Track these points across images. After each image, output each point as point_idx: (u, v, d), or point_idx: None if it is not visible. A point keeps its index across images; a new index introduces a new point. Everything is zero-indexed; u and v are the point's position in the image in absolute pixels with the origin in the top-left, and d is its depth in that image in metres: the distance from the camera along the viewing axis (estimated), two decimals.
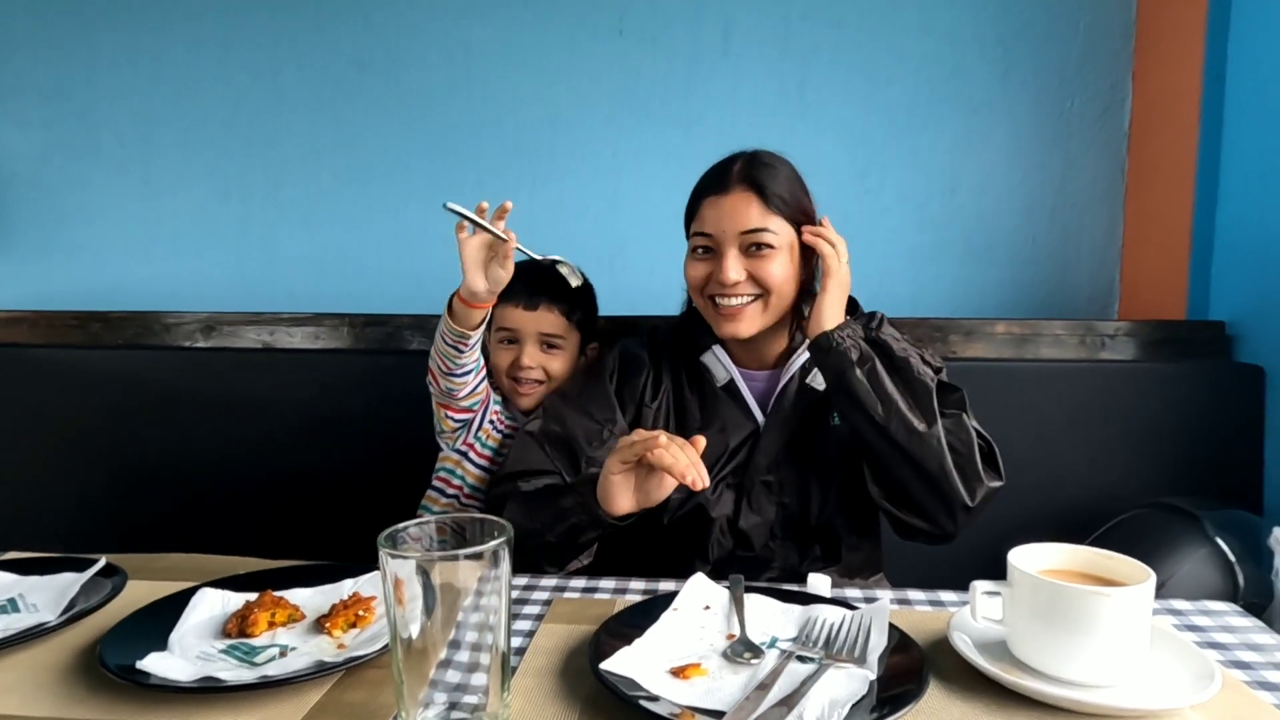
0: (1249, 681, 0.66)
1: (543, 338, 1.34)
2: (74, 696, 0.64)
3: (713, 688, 0.64)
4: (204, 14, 2.04)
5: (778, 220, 1.10)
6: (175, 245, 2.11)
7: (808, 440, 1.15)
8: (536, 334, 1.34)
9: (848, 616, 0.73)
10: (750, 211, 1.09)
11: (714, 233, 1.10)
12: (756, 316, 1.11)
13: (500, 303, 1.34)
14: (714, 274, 1.10)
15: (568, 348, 1.37)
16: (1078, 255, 1.96)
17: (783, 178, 1.12)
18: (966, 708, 0.62)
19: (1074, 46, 1.90)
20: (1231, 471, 1.58)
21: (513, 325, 1.34)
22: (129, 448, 1.74)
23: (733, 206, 1.09)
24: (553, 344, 1.35)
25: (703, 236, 1.12)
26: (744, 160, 1.14)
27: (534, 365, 1.34)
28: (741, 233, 1.08)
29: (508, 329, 1.35)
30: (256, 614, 0.73)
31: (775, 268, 1.09)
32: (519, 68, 2.00)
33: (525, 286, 1.33)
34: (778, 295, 1.11)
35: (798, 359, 1.16)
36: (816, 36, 1.94)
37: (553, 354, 1.36)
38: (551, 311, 1.34)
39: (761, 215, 1.09)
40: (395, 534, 0.59)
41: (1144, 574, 0.64)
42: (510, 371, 1.35)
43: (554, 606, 0.82)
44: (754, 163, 1.13)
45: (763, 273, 1.09)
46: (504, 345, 1.36)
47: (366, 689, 0.65)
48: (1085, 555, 0.69)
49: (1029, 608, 0.64)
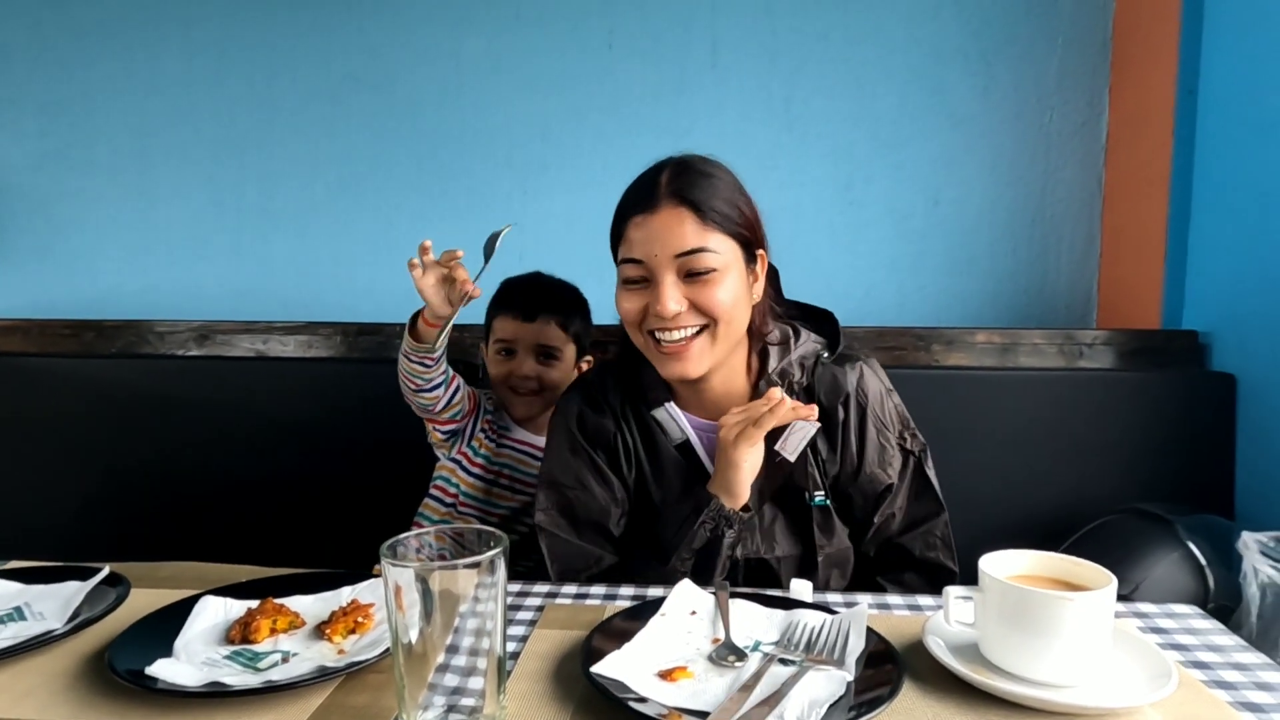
0: (1207, 681, 0.70)
1: (540, 349, 1.37)
2: (87, 702, 0.66)
3: (699, 689, 0.67)
4: (198, 25, 2.06)
5: (717, 237, 0.94)
6: (169, 255, 2.13)
7: (779, 516, 1.04)
8: (534, 345, 1.36)
9: (827, 621, 0.77)
10: (684, 230, 0.93)
11: (644, 258, 0.95)
12: (705, 352, 0.97)
13: (498, 314, 1.39)
14: (650, 306, 0.95)
15: (565, 358, 1.39)
16: (1057, 265, 2.00)
17: (720, 186, 0.97)
18: (939, 707, 0.65)
19: (1052, 63, 1.95)
20: (1204, 477, 1.62)
21: (510, 336, 1.37)
22: (123, 456, 1.76)
23: (663, 226, 0.94)
24: (550, 354, 1.38)
25: (632, 264, 0.96)
26: (671, 169, 0.98)
27: (531, 375, 1.36)
28: (676, 256, 0.93)
29: (505, 340, 1.37)
30: (259, 621, 0.76)
31: (720, 293, 0.94)
32: (510, 79, 2.03)
33: (523, 299, 1.37)
34: (726, 324, 0.96)
35: None
36: (803, 51, 1.98)
37: (550, 364, 1.38)
38: (549, 324, 1.37)
39: (698, 233, 0.93)
40: (396, 544, 0.61)
41: (1106, 579, 0.67)
42: (508, 381, 1.37)
43: (547, 612, 0.85)
44: (684, 172, 0.97)
45: (706, 300, 0.94)
46: (501, 356, 1.38)
47: (368, 692, 0.68)
48: (1052, 561, 0.72)
49: (998, 612, 0.68)
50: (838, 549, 1.05)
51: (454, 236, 2.06)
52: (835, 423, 1.04)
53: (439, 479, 1.41)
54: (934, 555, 1.05)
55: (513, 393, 1.38)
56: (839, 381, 1.05)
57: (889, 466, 1.04)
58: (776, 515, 1.04)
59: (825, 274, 1.99)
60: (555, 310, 1.38)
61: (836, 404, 1.04)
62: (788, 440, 1.01)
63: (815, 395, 1.05)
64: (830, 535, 1.04)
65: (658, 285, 0.94)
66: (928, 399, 1.23)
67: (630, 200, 1.00)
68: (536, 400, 1.38)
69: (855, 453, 1.04)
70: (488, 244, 1.14)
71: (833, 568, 1.06)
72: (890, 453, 1.05)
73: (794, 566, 1.04)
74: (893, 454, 1.05)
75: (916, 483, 1.06)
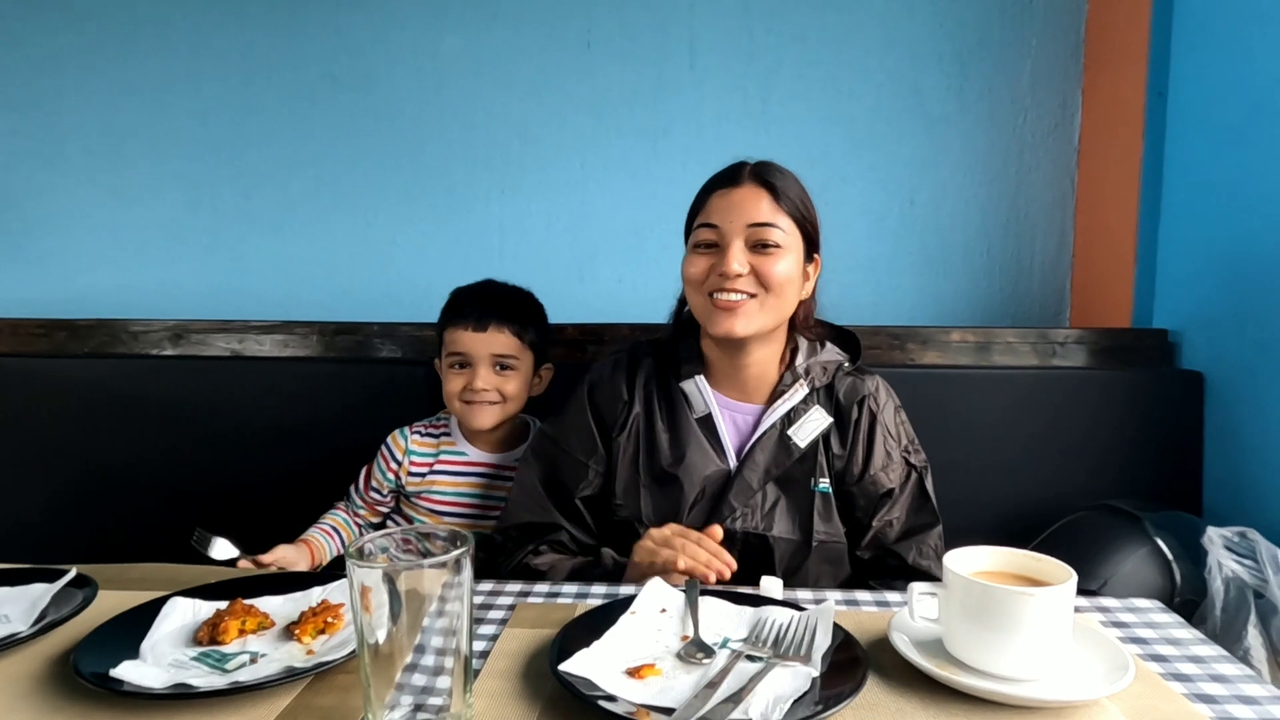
0: (1164, 674, 0.71)
1: (495, 359, 1.34)
2: (50, 705, 0.66)
3: (666, 686, 0.68)
4: (173, 22, 2.04)
5: (787, 220, 1.07)
6: (143, 254, 2.10)
7: (782, 498, 1.12)
8: (489, 355, 1.33)
9: (795, 617, 0.78)
10: (760, 205, 1.06)
11: (720, 224, 1.07)
12: (754, 314, 1.07)
13: (449, 325, 1.36)
14: (715, 267, 1.07)
15: (521, 368, 1.37)
16: (1030, 265, 2.03)
17: (793, 182, 1.12)
18: (903, 702, 0.66)
19: (1026, 65, 1.97)
20: (1173, 474, 1.65)
21: (463, 349, 1.33)
22: (96, 456, 1.74)
23: (742, 198, 1.07)
24: (506, 365, 1.35)
25: (708, 229, 1.08)
26: (756, 163, 1.12)
27: (488, 388, 1.33)
28: (750, 225, 1.05)
29: (459, 353, 1.34)
30: (227, 622, 0.76)
31: (779, 266, 1.06)
32: (488, 79, 2.03)
33: (474, 308, 1.34)
34: (777, 297, 1.07)
35: (785, 402, 1.12)
36: (780, 52, 1.99)
37: (506, 375, 1.35)
38: (502, 332, 1.34)
39: (771, 211, 1.06)
40: (362, 544, 0.62)
41: (1066, 574, 0.68)
42: (463, 396, 1.34)
43: (518, 611, 0.85)
44: (765, 164, 1.12)
45: (766, 269, 1.05)
46: (455, 370, 1.35)
47: (335, 693, 0.68)
48: (1015, 557, 0.73)
49: (961, 607, 0.69)
50: (833, 540, 1.11)
51: (432, 236, 2.08)
52: (849, 421, 1.14)
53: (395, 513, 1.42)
54: (926, 564, 1.10)
55: (469, 405, 1.34)
56: (857, 387, 1.16)
57: (891, 473, 1.13)
58: (780, 498, 1.12)
59: None
60: (509, 319, 1.35)
61: (853, 404, 1.15)
62: (802, 427, 1.12)
63: (835, 395, 1.16)
64: (828, 523, 1.12)
65: (727, 248, 1.05)
66: (903, 397, 1.24)
67: (715, 179, 1.13)
68: (495, 410, 1.35)
69: (863, 454, 1.14)
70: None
71: (825, 563, 1.12)
72: (894, 462, 1.14)
73: (788, 550, 1.10)
74: (896, 463, 1.14)
75: (917, 496, 1.15)
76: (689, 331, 1.19)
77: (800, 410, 1.13)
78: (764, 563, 1.11)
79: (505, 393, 1.34)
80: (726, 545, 1.07)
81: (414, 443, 1.42)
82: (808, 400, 1.13)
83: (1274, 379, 1.48)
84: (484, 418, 1.34)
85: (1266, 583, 1.26)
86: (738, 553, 1.07)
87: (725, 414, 1.15)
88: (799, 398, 1.13)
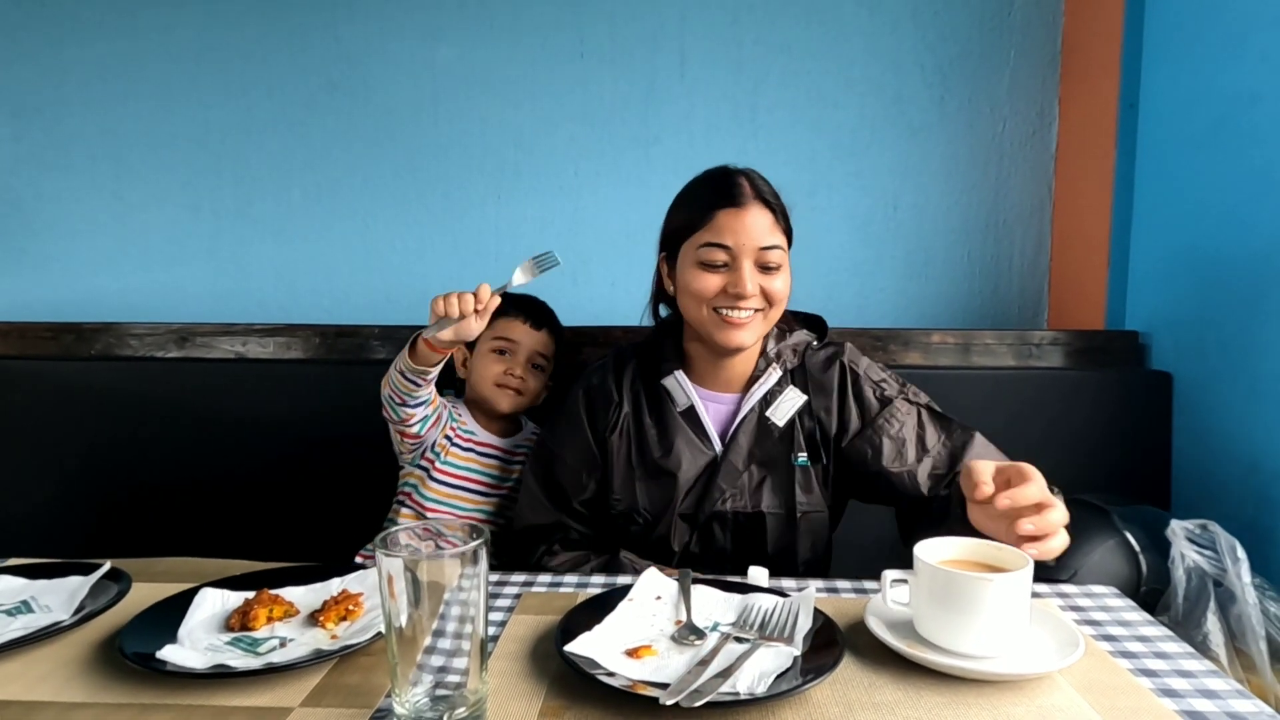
0: (1113, 651, 0.78)
1: (535, 355, 1.49)
2: (100, 684, 0.72)
3: (661, 665, 0.74)
4: (175, 30, 2.08)
5: (783, 238, 1.15)
6: (146, 258, 2.15)
7: (767, 476, 1.19)
8: (532, 350, 1.49)
9: (779, 603, 0.84)
10: (765, 226, 1.12)
11: (733, 245, 1.11)
12: (758, 327, 1.15)
13: (505, 317, 1.48)
14: (726, 286, 1.12)
15: (546, 372, 1.53)
16: (1009, 269, 2.10)
17: (778, 195, 1.17)
18: (875, 677, 0.73)
19: (1005, 75, 2.04)
20: (1143, 469, 1.72)
21: (515, 338, 1.48)
22: (102, 457, 1.79)
23: (752, 221, 1.11)
24: (538, 365, 1.51)
25: (719, 249, 1.12)
26: (746, 176, 1.16)
27: (524, 378, 1.48)
28: (760, 248, 1.11)
29: (508, 339, 1.48)
30: (256, 610, 0.82)
31: (779, 283, 1.14)
32: (484, 88, 2.08)
33: (534, 312, 1.52)
34: (777, 309, 1.16)
35: (760, 387, 1.20)
36: (768, 62, 2.05)
37: (536, 374, 1.51)
38: (550, 336, 1.52)
39: (775, 232, 1.13)
40: (387, 537, 0.68)
41: (1024, 562, 0.75)
42: (498, 379, 1.46)
43: (524, 599, 0.92)
44: (758, 180, 1.16)
45: (771, 287, 1.13)
46: (496, 355, 1.48)
47: (360, 673, 0.74)
48: (979, 547, 0.80)
49: (929, 592, 0.76)
50: (815, 510, 1.19)
51: (429, 240, 2.13)
52: (828, 389, 1.22)
53: (406, 486, 1.46)
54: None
55: (501, 389, 1.47)
56: (828, 356, 1.25)
57: (895, 418, 1.19)
58: (765, 476, 1.19)
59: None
60: (556, 328, 1.54)
61: (829, 369, 1.23)
62: (778, 408, 1.19)
63: (807, 372, 1.23)
64: (809, 494, 1.19)
65: (739, 270, 1.11)
66: None
67: (715, 195, 1.15)
68: (519, 399, 1.49)
69: (856, 409, 1.21)
70: (535, 264, 1.18)
71: (810, 533, 1.19)
72: (896, 405, 1.20)
73: (778, 525, 1.18)
74: (899, 405, 1.20)
75: (939, 420, 1.21)
76: (668, 332, 1.27)
77: (776, 392, 1.20)
78: (756, 540, 1.19)
79: (529, 388, 1.49)
80: (720, 526, 1.18)
81: (455, 411, 1.50)
82: (782, 382, 1.21)
83: (1238, 379, 1.56)
84: (510, 402, 1.47)
85: (1225, 572, 1.33)
86: (730, 534, 1.18)
87: (707, 404, 1.22)
88: (774, 381, 1.21)
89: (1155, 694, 0.70)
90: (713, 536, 1.19)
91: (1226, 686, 0.70)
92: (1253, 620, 1.29)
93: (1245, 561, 1.32)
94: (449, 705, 0.65)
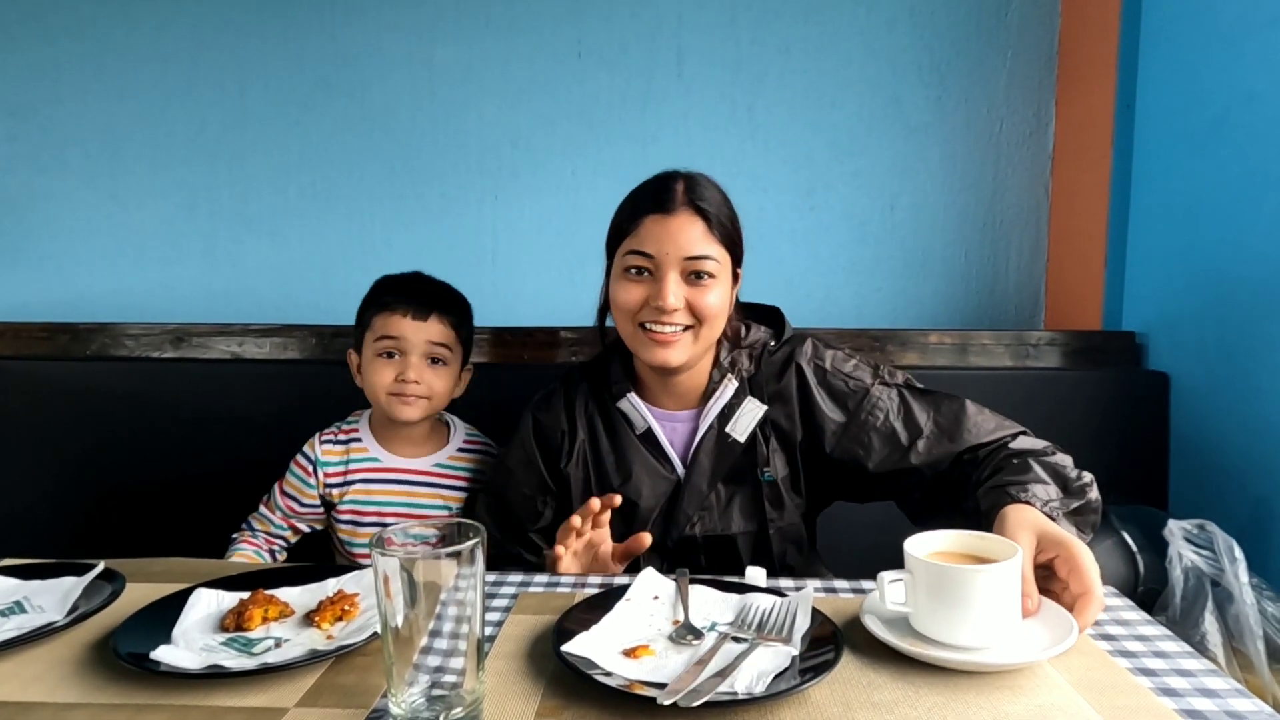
0: (1112, 650, 0.78)
1: (431, 348, 1.29)
2: (94, 685, 0.71)
3: (659, 665, 0.74)
4: (170, 29, 2.08)
5: (718, 248, 1.07)
6: (142, 257, 2.14)
7: (735, 495, 1.13)
8: (425, 344, 1.29)
9: (777, 603, 0.84)
10: (695, 235, 1.05)
11: (655, 254, 1.05)
12: (688, 346, 1.07)
13: (382, 310, 1.30)
14: (650, 298, 1.06)
15: (452, 363, 1.34)
16: (1006, 269, 2.10)
17: (722, 203, 1.09)
18: (873, 675, 0.73)
19: (1002, 75, 2.05)
20: (1140, 469, 1.72)
21: (398, 335, 1.28)
22: (97, 457, 1.78)
23: (679, 228, 1.04)
24: (438, 358, 1.31)
25: (641, 256, 1.06)
26: (684, 181, 1.08)
27: (420, 381, 1.28)
28: (686, 258, 1.04)
29: (392, 338, 1.28)
30: (251, 610, 0.81)
31: (712, 298, 1.06)
32: (481, 87, 2.08)
33: (414, 296, 1.30)
34: (709, 327, 1.08)
35: (716, 402, 1.13)
36: (765, 62, 2.05)
37: (437, 370, 1.31)
38: (441, 322, 1.30)
39: (704, 241, 1.05)
40: (383, 536, 0.67)
41: (1013, 551, 0.76)
42: (392, 388, 1.29)
43: (521, 599, 0.91)
44: (696, 185, 1.08)
45: (700, 302, 1.05)
46: (384, 358, 1.29)
47: (356, 673, 0.74)
48: (967, 539, 0.81)
49: (922, 587, 0.76)
50: (789, 523, 1.14)
51: (426, 239, 2.12)
52: (787, 397, 1.14)
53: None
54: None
55: (398, 399, 1.29)
56: (784, 360, 1.15)
57: (878, 408, 1.11)
58: (734, 495, 1.14)
59: (786, 277, 2.07)
60: (447, 310, 1.31)
61: (786, 378, 1.14)
62: (738, 422, 1.12)
63: (760, 381, 1.14)
64: (780, 509, 1.14)
65: (662, 280, 1.05)
66: None
67: (645, 200, 1.08)
68: (423, 404, 1.31)
69: (831, 407, 1.12)
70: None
71: (787, 543, 1.15)
72: (874, 393, 1.12)
73: (750, 542, 1.13)
74: (877, 393, 1.12)
75: (922, 396, 1.13)
76: (617, 350, 1.19)
77: (734, 405, 1.13)
78: (731, 562, 1.14)
79: (434, 389, 1.30)
80: (690, 551, 1.13)
81: (323, 453, 1.38)
82: (739, 393, 1.13)
83: (1235, 379, 1.56)
84: (411, 411, 1.29)
85: (1223, 572, 1.33)
86: (703, 557, 1.13)
87: (664, 425, 1.15)
88: (730, 393, 1.13)
89: (1154, 693, 0.69)
90: (684, 562, 1.11)
91: (1226, 685, 0.70)
92: (1250, 620, 1.29)
93: (1243, 561, 1.32)
94: (445, 705, 0.64)
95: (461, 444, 1.41)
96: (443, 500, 1.36)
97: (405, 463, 1.36)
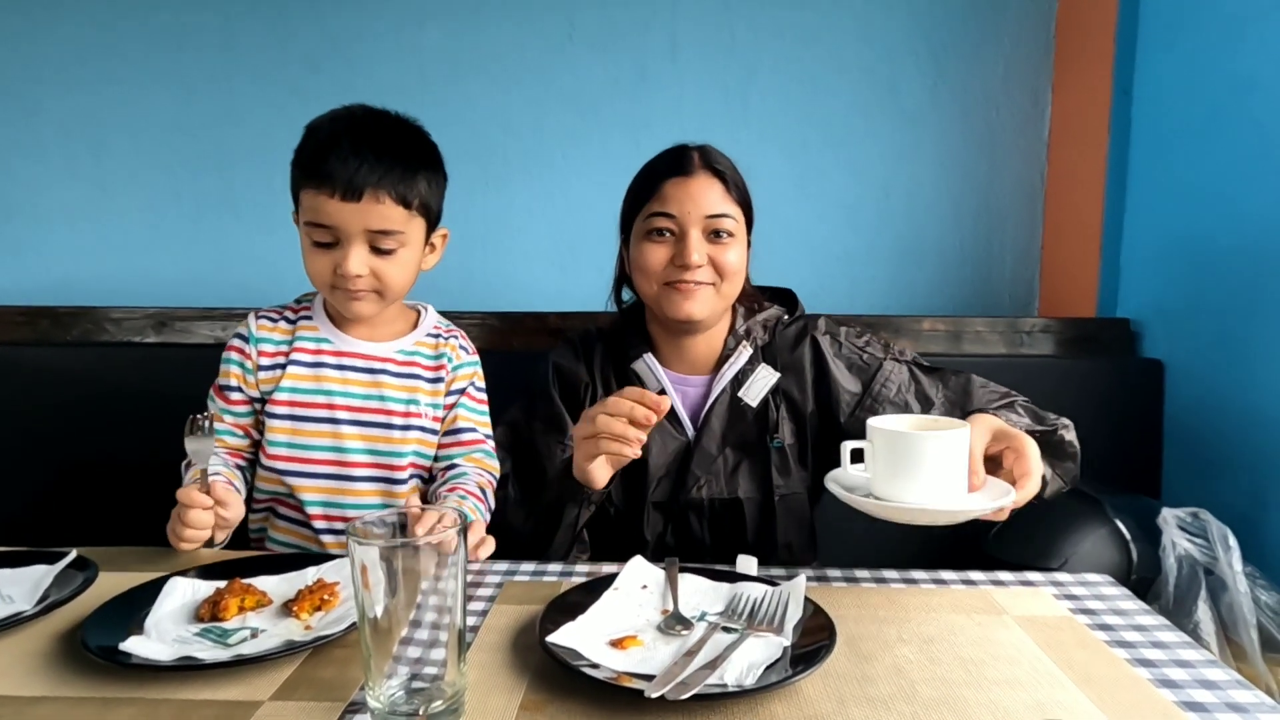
0: (1109, 641, 0.76)
1: (374, 237, 1.02)
2: (62, 678, 0.69)
3: (647, 656, 0.72)
4: (156, 12, 2.04)
5: (736, 208, 1.13)
6: (125, 241, 2.10)
7: (743, 460, 1.16)
8: (363, 231, 1.01)
9: (769, 592, 0.82)
10: (715, 195, 1.11)
11: (678, 214, 1.10)
12: (710, 299, 1.12)
13: (307, 185, 1.01)
14: (674, 257, 1.10)
15: (409, 244, 1.06)
16: (1001, 256, 2.09)
17: (734, 169, 1.16)
18: (868, 669, 0.71)
19: (998, 62, 2.02)
20: (1134, 457, 1.71)
21: (329, 222, 1.00)
22: (78, 444, 1.75)
23: (699, 189, 1.10)
24: (384, 247, 1.03)
25: (664, 218, 1.10)
26: (699, 150, 1.15)
27: (362, 273, 1.02)
28: (707, 216, 1.10)
29: (322, 225, 1.01)
30: (227, 599, 0.79)
31: (733, 255, 1.11)
32: (471, 72, 2.05)
33: (343, 167, 0.98)
34: (730, 283, 1.13)
35: (730, 367, 1.17)
36: (759, 48, 2.03)
37: (386, 259, 1.04)
38: (382, 202, 1.00)
39: (725, 201, 1.11)
40: (361, 524, 0.65)
41: (960, 426, 0.86)
42: (332, 280, 1.04)
43: (506, 589, 0.89)
44: (709, 152, 1.15)
45: (722, 259, 1.10)
46: (319, 248, 1.03)
47: (334, 666, 0.72)
48: (925, 420, 0.91)
49: (882, 453, 0.86)
50: (793, 493, 1.16)
51: None
52: (799, 368, 1.19)
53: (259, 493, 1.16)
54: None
55: (342, 293, 1.05)
56: (798, 332, 1.21)
57: (891, 380, 1.17)
58: (741, 460, 1.16)
59: (780, 264, 2.00)
60: (391, 180, 1.00)
61: (800, 350, 1.20)
62: (750, 388, 1.16)
63: (774, 351, 1.20)
64: (786, 476, 1.16)
65: (685, 238, 1.10)
66: None
67: (662, 167, 1.14)
68: (373, 299, 1.07)
69: (848, 378, 1.19)
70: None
71: (790, 515, 1.16)
72: (886, 367, 1.18)
73: (756, 509, 1.16)
74: (889, 367, 1.18)
75: (930, 372, 1.19)
76: (632, 318, 1.24)
77: (747, 371, 1.17)
78: (735, 528, 1.16)
79: (386, 280, 1.05)
80: (695, 515, 1.15)
81: (259, 328, 1.12)
82: (753, 360, 1.18)
83: (1229, 367, 1.55)
84: (361, 306, 1.07)
85: (1216, 560, 1.32)
86: (706, 522, 1.15)
87: (677, 388, 1.19)
88: (744, 359, 1.18)
89: (1153, 685, 0.68)
90: (688, 525, 1.16)
91: (1226, 677, 0.69)
92: (1244, 609, 1.28)
93: (1236, 550, 1.31)
94: (425, 698, 0.63)
95: (431, 330, 1.20)
96: (407, 392, 1.14)
97: (362, 346, 1.13)
